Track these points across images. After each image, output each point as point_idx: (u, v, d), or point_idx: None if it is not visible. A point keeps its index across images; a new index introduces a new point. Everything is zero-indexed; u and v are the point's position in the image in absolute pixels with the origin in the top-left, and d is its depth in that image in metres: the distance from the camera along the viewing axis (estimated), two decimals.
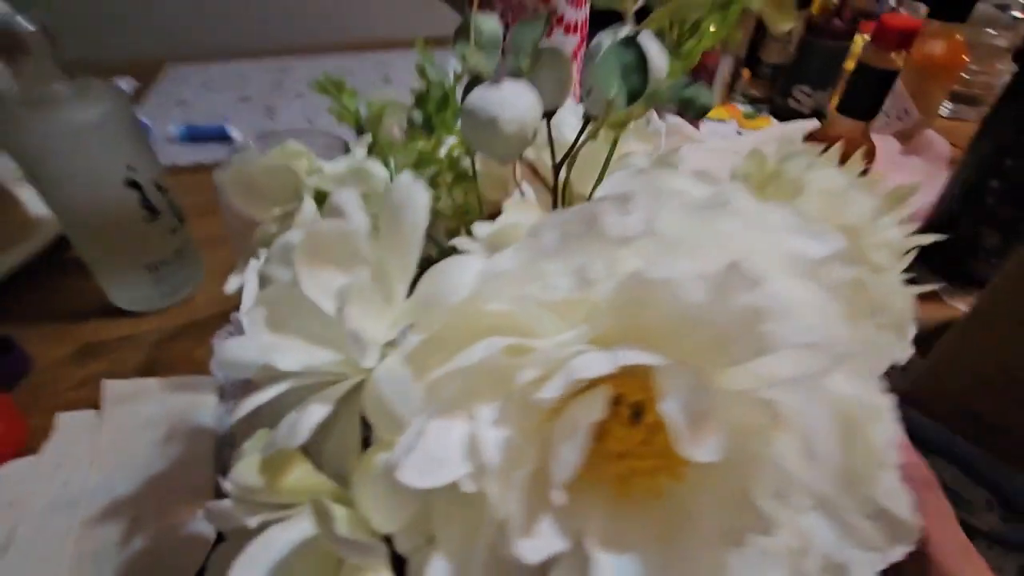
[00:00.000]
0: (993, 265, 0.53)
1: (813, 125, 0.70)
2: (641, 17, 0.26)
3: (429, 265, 0.18)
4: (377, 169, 0.27)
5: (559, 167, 0.29)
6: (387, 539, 0.17)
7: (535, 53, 0.27)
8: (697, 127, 0.72)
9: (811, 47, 0.76)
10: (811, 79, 0.78)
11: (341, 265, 0.17)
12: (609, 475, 0.17)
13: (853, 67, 0.53)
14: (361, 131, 0.30)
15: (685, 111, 0.23)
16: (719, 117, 0.80)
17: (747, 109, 0.83)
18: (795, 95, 0.80)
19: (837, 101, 0.56)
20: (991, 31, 0.79)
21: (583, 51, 0.50)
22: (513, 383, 0.16)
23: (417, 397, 0.15)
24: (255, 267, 0.21)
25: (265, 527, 0.16)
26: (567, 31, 0.47)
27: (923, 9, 0.75)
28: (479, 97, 0.24)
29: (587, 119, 0.28)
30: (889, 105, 0.73)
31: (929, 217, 0.57)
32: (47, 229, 0.54)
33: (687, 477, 0.17)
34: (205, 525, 0.36)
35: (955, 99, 0.85)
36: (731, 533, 0.16)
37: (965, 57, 0.72)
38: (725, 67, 0.80)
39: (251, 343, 0.17)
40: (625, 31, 0.24)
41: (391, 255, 0.18)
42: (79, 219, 0.45)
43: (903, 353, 0.22)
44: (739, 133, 0.78)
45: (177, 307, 0.52)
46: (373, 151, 0.30)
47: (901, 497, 0.18)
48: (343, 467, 0.18)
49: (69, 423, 0.42)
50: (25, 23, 0.36)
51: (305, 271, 0.17)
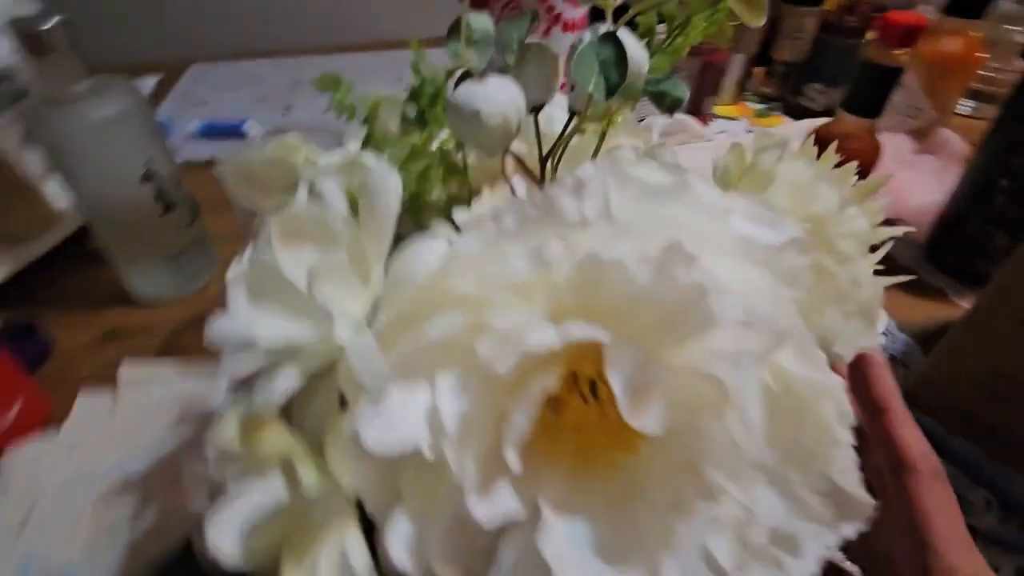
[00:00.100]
0: (1002, 265, 0.52)
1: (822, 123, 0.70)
2: (622, 14, 0.27)
3: None
4: (370, 161, 0.28)
5: (546, 160, 0.30)
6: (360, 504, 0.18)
7: (521, 49, 0.28)
8: (706, 124, 0.72)
9: (824, 44, 0.76)
10: (824, 77, 0.78)
11: (318, 245, 0.18)
12: (567, 449, 0.18)
13: (851, 62, 0.52)
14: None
15: (659, 105, 0.24)
16: (729, 115, 0.80)
17: (759, 107, 0.83)
18: (808, 93, 0.80)
19: (842, 98, 0.56)
20: (1010, 27, 0.77)
21: None
22: (472, 357, 0.17)
23: (382, 369, 0.17)
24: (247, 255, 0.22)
25: (241, 489, 0.18)
26: (565, 29, 0.47)
27: (935, 5, 0.74)
28: (464, 91, 0.25)
29: (572, 113, 0.29)
30: (901, 102, 0.72)
31: (938, 215, 0.57)
32: (69, 222, 0.56)
33: (640, 450, 0.18)
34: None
35: (975, 96, 0.84)
36: (679, 502, 0.16)
37: (981, 54, 0.71)
38: (736, 65, 0.80)
39: (235, 320, 0.19)
40: (605, 28, 0.25)
41: (367, 237, 0.19)
42: (99, 211, 0.48)
43: (871, 341, 0.23)
44: (749, 132, 0.78)
45: (192, 297, 0.55)
46: (369, 144, 0.31)
47: (855, 475, 0.18)
48: (321, 434, 0.19)
49: (87, 404, 0.44)
50: (48, 23, 0.38)
51: (282, 250, 0.18)
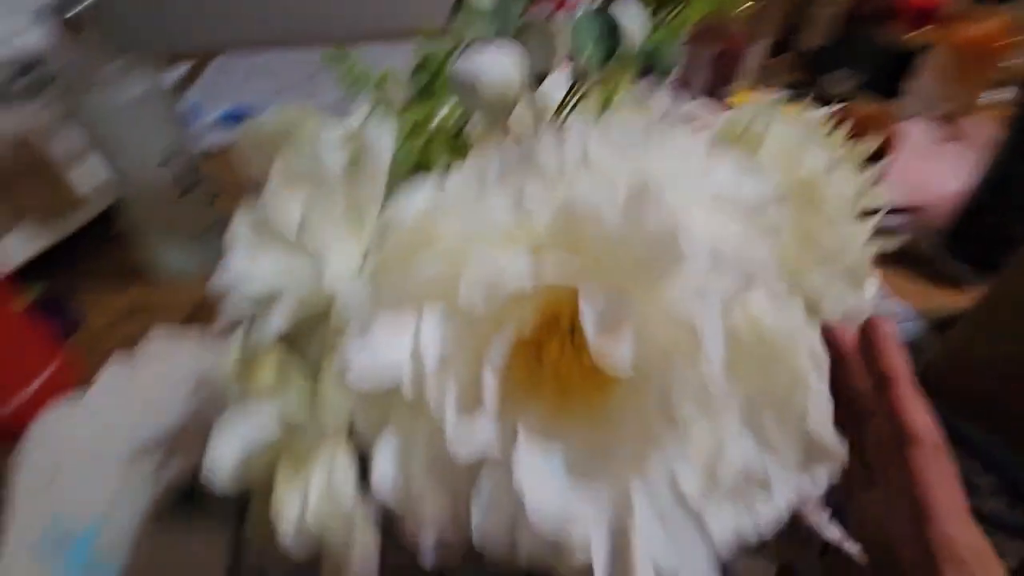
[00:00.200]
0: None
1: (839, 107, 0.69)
2: None
3: None
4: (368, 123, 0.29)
5: None
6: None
7: (519, 26, 0.28)
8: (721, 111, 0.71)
9: (850, 30, 0.74)
10: (850, 63, 0.76)
11: (313, 192, 0.19)
12: (546, 392, 0.19)
13: (874, 47, 0.52)
14: None
15: (652, 70, 0.25)
16: (747, 102, 0.79)
17: (784, 94, 0.82)
18: (834, 80, 0.79)
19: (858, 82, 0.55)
20: None
21: None
22: (454, 297, 0.17)
23: (368, 308, 0.17)
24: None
25: (240, 415, 0.19)
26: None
27: None
28: (463, 60, 0.26)
29: (573, 84, 0.30)
30: (925, 88, 0.71)
31: (959, 204, 0.55)
32: (95, 204, 0.59)
33: (615, 392, 0.18)
34: None
35: (1003, 84, 0.81)
36: (652, 436, 0.17)
37: (1011, 39, 0.69)
38: (756, 52, 0.79)
39: (233, 266, 0.20)
40: None
41: (361, 188, 0.20)
42: (124, 190, 0.50)
43: (859, 302, 0.23)
44: None
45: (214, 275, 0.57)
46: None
47: (827, 421, 0.18)
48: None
49: (113, 370, 0.46)
50: (79, 6, 0.40)
51: (281, 195, 0.19)
